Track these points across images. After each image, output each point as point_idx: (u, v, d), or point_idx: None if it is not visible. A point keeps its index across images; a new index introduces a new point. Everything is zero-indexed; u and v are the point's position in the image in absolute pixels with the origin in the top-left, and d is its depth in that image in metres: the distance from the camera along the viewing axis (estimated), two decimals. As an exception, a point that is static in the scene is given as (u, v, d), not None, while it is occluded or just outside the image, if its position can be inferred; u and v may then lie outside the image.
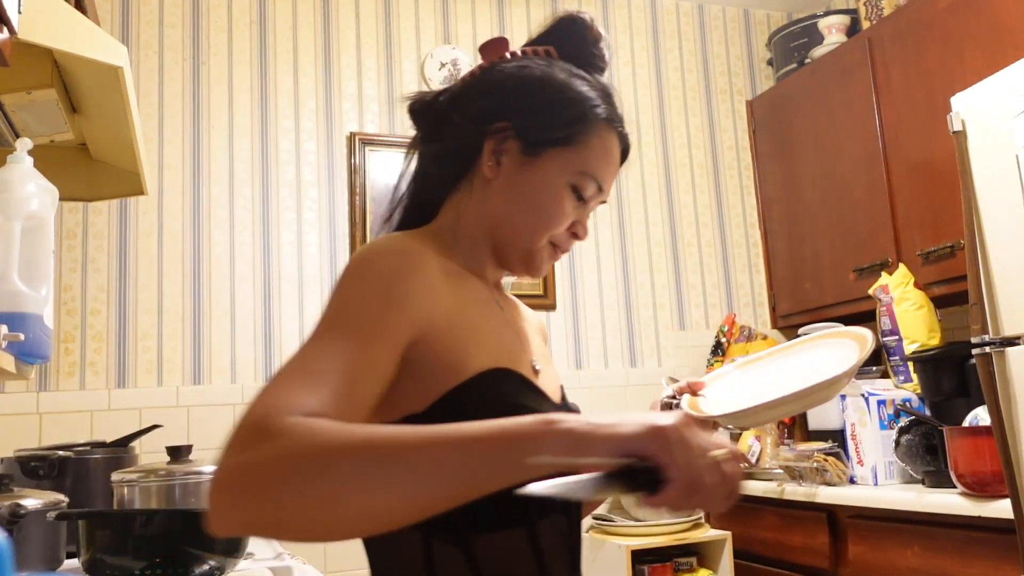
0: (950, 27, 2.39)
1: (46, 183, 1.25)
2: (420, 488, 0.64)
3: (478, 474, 0.65)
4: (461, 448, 0.65)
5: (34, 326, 1.18)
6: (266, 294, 2.62)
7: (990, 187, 1.84)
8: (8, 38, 0.93)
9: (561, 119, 0.93)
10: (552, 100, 0.94)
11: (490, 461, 0.65)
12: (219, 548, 1.17)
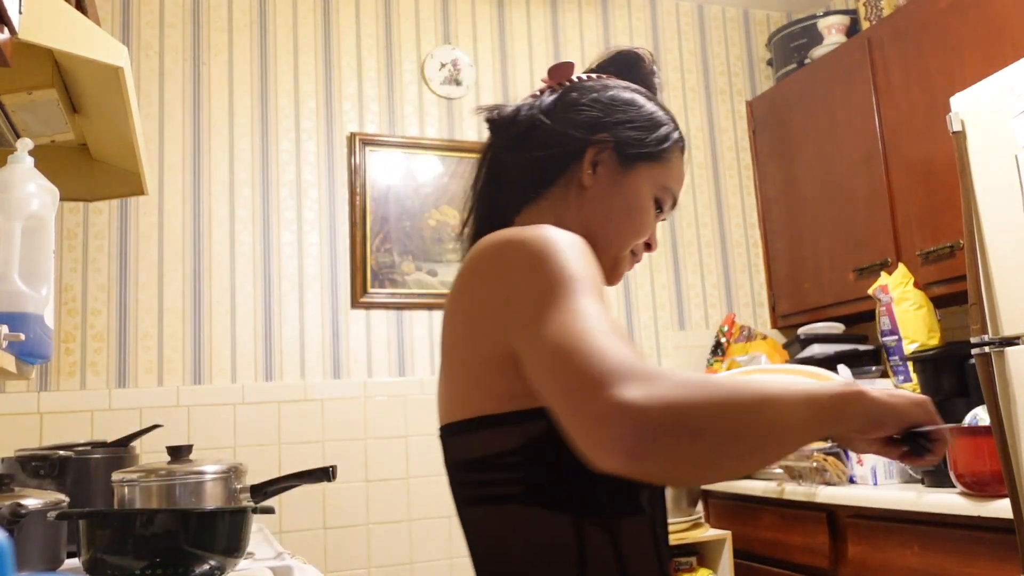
0: (950, 27, 2.39)
1: (47, 183, 1.26)
2: (785, 436, 0.69)
3: (807, 431, 0.70)
4: (807, 406, 0.69)
5: (35, 326, 1.18)
6: (266, 294, 2.62)
7: (990, 187, 1.84)
8: (9, 38, 0.93)
9: (653, 137, 0.99)
10: (644, 118, 1.00)
11: (817, 420, 0.70)
12: (219, 548, 1.17)
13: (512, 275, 0.78)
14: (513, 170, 0.99)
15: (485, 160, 1.02)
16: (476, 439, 0.84)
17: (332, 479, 1.49)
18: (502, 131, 1.01)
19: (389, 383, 2.69)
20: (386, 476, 2.63)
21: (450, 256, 2.82)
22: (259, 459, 2.48)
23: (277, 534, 2.46)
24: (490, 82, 3.00)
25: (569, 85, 1.02)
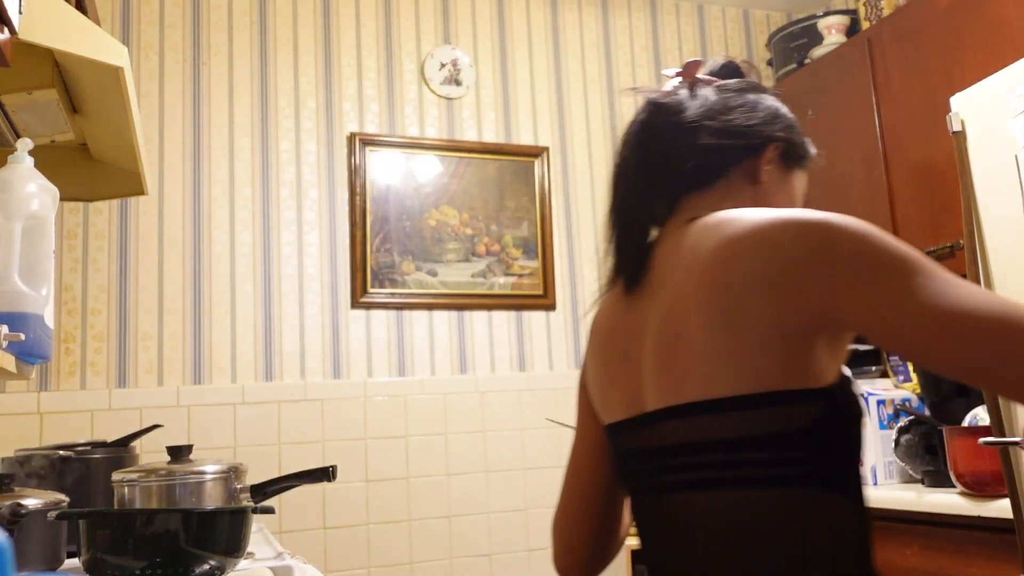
0: (950, 27, 2.39)
1: (47, 183, 1.26)
2: None
3: None
4: None
5: (35, 326, 1.18)
6: (266, 294, 2.62)
7: (990, 187, 1.84)
8: (8, 38, 0.93)
9: (805, 146, 1.08)
10: (799, 127, 1.09)
11: None
12: (219, 548, 1.17)
13: (834, 254, 0.80)
14: (682, 154, 0.98)
15: (640, 140, 1.01)
16: (759, 416, 0.80)
17: (332, 479, 1.49)
18: (669, 115, 1.00)
19: (389, 383, 2.69)
20: (386, 476, 2.63)
21: (450, 256, 2.82)
22: (259, 459, 2.48)
23: (277, 534, 2.46)
24: (490, 82, 3.00)
25: (719, 84, 1.05)
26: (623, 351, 0.93)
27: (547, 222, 2.95)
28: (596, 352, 1.00)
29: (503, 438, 2.79)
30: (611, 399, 0.95)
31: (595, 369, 0.99)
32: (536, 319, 2.90)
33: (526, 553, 2.75)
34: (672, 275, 0.89)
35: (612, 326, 0.97)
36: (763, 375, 0.79)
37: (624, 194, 1.00)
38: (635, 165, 1.00)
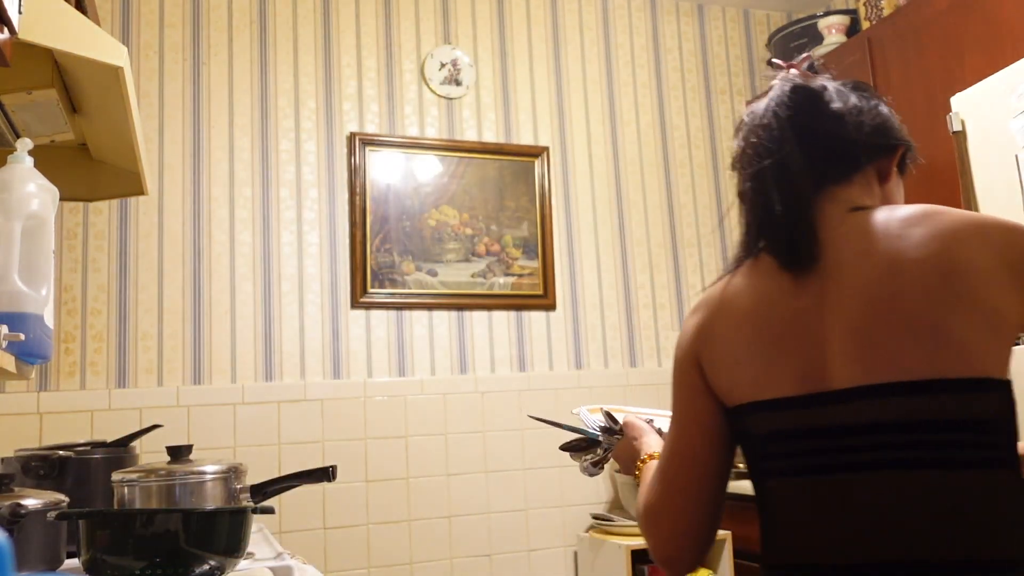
0: (950, 27, 2.39)
1: (46, 183, 1.25)
2: None
3: None
4: None
5: (34, 326, 1.18)
6: (266, 294, 2.62)
7: (990, 187, 1.84)
8: (8, 38, 0.93)
9: (916, 155, 1.13)
10: None
11: None
12: (219, 548, 1.17)
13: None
14: (825, 144, 0.99)
15: (794, 121, 0.98)
16: (973, 400, 0.83)
17: (332, 479, 1.49)
18: (817, 101, 1.01)
19: (389, 383, 2.69)
20: (386, 476, 2.63)
21: (450, 256, 2.82)
22: (259, 459, 2.48)
23: (277, 534, 2.46)
24: (490, 82, 3.00)
25: (852, 82, 1.08)
26: (793, 329, 0.91)
27: (547, 222, 2.95)
28: (740, 329, 0.95)
29: (503, 438, 2.79)
30: (770, 376, 0.92)
31: (736, 347, 0.95)
32: (536, 319, 2.90)
33: (526, 553, 2.75)
34: (859, 259, 0.89)
35: (771, 303, 0.93)
36: (981, 361, 0.82)
37: (781, 171, 0.96)
38: (793, 144, 0.97)
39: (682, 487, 1.00)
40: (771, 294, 0.94)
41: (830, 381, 0.88)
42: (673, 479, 1.00)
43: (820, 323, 0.90)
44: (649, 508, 1.01)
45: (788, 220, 0.94)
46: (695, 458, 0.99)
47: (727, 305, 0.97)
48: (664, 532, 1.00)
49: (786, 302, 0.93)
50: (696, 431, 1.00)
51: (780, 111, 0.99)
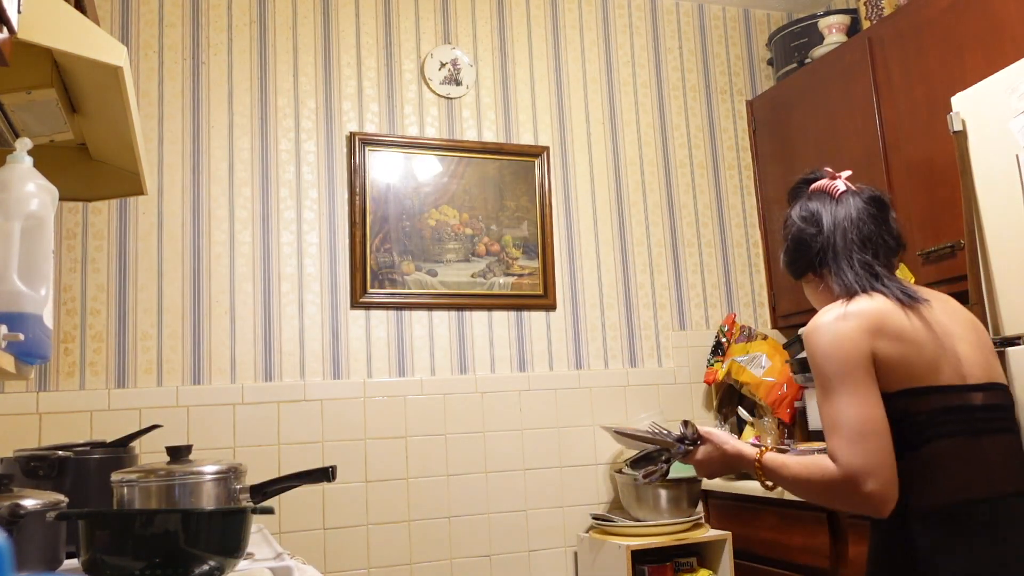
0: (950, 27, 2.39)
1: (46, 183, 1.25)
2: None
3: None
4: None
5: (34, 326, 1.17)
6: (266, 294, 2.62)
7: (990, 187, 1.84)
8: (8, 38, 0.93)
9: None
10: None
11: None
12: (219, 548, 1.17)
13: None
14: (885, 238, 1.49)
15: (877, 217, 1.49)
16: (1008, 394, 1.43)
17: (332, 479, 1.49)
18: (880, 206, 1.51)
19: (389, 383, 2.69)
20: (385, 476, 2.63)
21: (450, 256, 2.82)
22: (259, 459, 2.48)
23: (277, 534, 2.46)
24: (490, 82, 3.00)
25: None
26: (938, 342, 1.35)
27: (547, 222, 2.94)
28: (905, 339, 1.34)
29: (503, 438, 2.78)
30: (940, 369, 1.33)
31: (910, 347, 1.33)
32: (536, 319, 2.90)
33: (526, 553, 2.74)
34: (942, 307, 1.43)
35: (917, 322, 1.36)
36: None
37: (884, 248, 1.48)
38: (877, 239, 1.48)
39: (884, 445, 1.28)
40: (910, 316, 1.37)
41: (968, 377, 1.35)
42: (875, 441, 1.28)
43: (952, 340, 1.37)
44: (866, 466, 1.27)
45: (901, 283, 1.42)
46: (884, 423, 1.29)
47: (883, 320, 1.35)
48: (887, 480, 1.27)
49: (927, 322, 1.37)
50: (878, 404, 1.30)
51: (868, 206, 1.50)
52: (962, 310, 1.44)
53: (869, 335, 1.33)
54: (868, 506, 1.27)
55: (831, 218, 1.48)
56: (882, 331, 1.33)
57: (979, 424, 1.32)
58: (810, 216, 1.52)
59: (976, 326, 1.42)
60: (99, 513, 1.19)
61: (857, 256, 1.43)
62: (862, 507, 1.28)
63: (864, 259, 1.43)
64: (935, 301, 1.41)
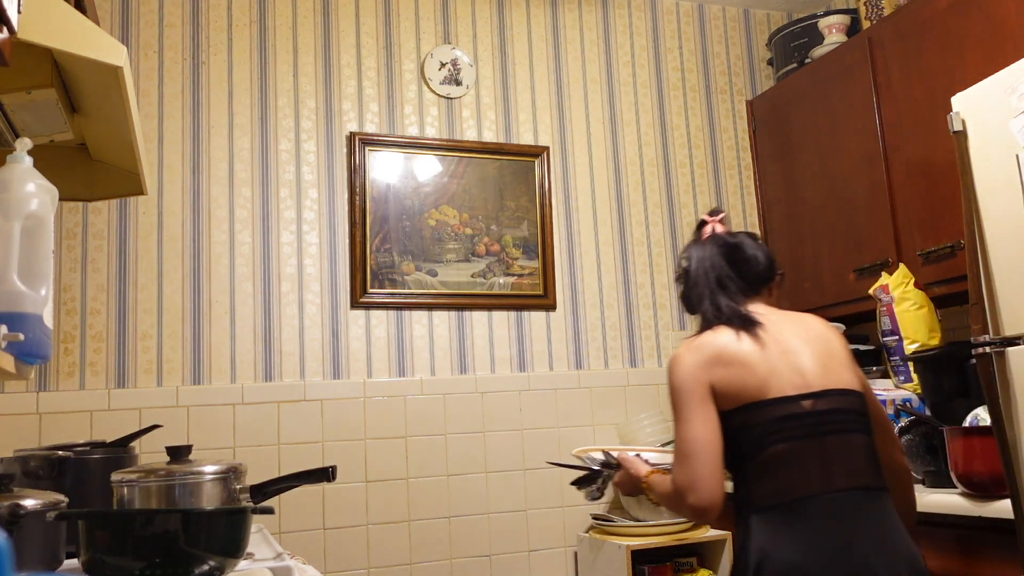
0: (950, 27, 2.39)
1: (46, 183, 1.25)
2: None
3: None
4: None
5: (34, 326, 1.17)
6: (266, 294, 2.62)
7: (990, 187, 1.84)
8: (8, 38, 0.93)
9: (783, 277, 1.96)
10: None
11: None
12: (218, 548, 1.17)
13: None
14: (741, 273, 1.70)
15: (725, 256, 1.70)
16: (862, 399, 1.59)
17: (332, 479, 1.49)
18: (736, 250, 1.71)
19: (388, 383, 2.69)
20: (385, 476, 2.63)
21: (450, 256, 2.82)
22: (259, 459, 2.48)
23: (277, 534, 2.46)
24: (490, 82, 3.00)
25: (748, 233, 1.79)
26: (771, 360, 1.53)
27: (547, 222, 2.95)
28: (738, 364, 1.53)
29: (503, 438, 2.78)
30: (772, 384, 1.51)
31: (741, 371, 1.52)
32: (536, 319, 2.90)
33: (526, 553, 2.74)
34: (791, 327, 1.62)
35: (752, 345, 1.55)
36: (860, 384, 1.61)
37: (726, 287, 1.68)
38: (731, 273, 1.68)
39: (705, 462, 1.47)
40: (742, 343, 1.56)
41: (804, 387, 1.52)
42: (696, 460, 1.47)
43: (796, 356, 1.56)
44: (690, 481, 1.47)
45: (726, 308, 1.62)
46: (709, 444, 1.48)
47: (720, 350, 1.55)
48: (704, 493, 1.45)
49: (758, 345, 1.55)
50: (706, 426, 1.49)
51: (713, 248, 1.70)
52: (815, 327, 1.63)
53: (707, 366, 1.53)
54: (693, 516, 1.47)
55: (697, 262, 1.69)
56: (719, 360, 1.53)
57: (812, 428, 1.48)
58: (685, 258, 1.74)
59: (826, 340, 1.60)
60: (99, 513, 1.19)
61: (708, 296, 1.64)
62: (690, 516, 1.49)
63: (714, 299, 1.63)
64: (785, 322, 1.61)
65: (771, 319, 1.61)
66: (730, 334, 1.57)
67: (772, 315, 1.63)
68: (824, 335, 1.61)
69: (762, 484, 1.48)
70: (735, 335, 1.56)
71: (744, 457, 1.51)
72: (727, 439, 1.52)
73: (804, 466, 1.46)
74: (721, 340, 1.57)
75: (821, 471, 1.46)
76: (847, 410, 1.51)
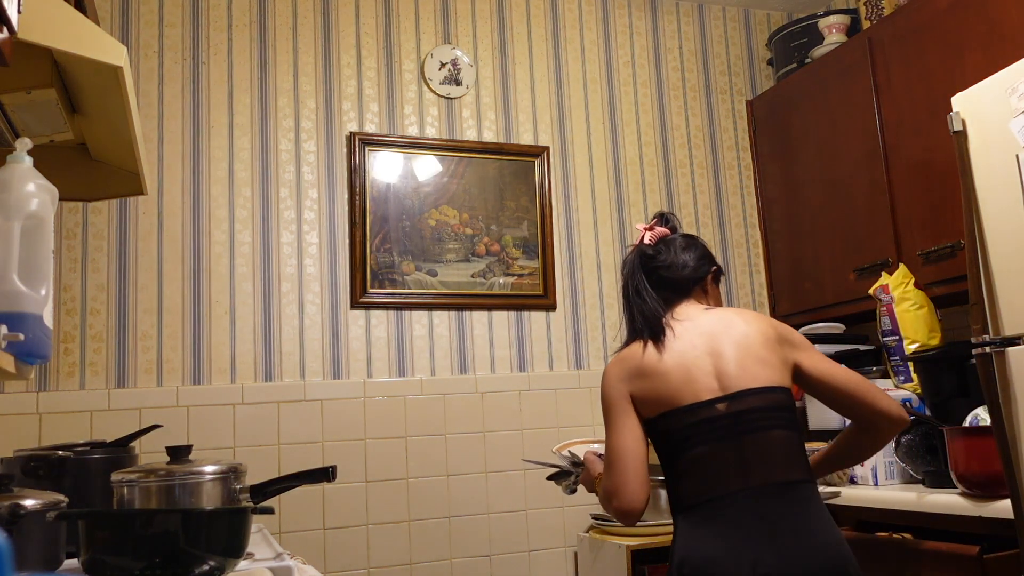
0: (950, 27, 2.39)
1: (46, 183, 1.25)
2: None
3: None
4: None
5: (34, 326, 1.17)
6: (266, 294, 2.62)
7: (990, 187, 1.84)
8: (8, 38, 0.93)
9: (721, 271, 1.88)
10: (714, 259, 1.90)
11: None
12: (219, 548, 1.17)
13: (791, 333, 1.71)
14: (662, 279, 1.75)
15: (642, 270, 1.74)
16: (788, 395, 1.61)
17: (332, 479, 1.49)
18: (644, 257, 1.76)
19: (388, 383, 2.69)
20: (385, 476, 2.63)
21: (450, 256, 2.82)
22: (259, 459, 2.48)
23: (277, 534, 2.46)
24: (490, 82, 3.00)
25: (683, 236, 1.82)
26: (686, 368, 1.57)
27: (547, 222, 2.94)
28: (653, 374, 1.59)
29: (503, 438, 2.78)
30: (686, 391, 1.56)
31: (657, 381, 1.58)
32: (536, 319, 2.90)
33: (526, 553, 2.74)
34: (711, 331, 1.62)
35: (664, 356, 1.60)
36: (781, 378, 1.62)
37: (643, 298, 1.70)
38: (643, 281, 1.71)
39: (627, 468, 1.56)
40: (660, 354, 1.61)
41: (729, 388, 1.56)
42: (619, 466, 1.56)
43: (706, 360, 1.59)
44: (614, 486, 1.56)
45: (653, 324, 1.65)
46: (631, 450, 1.57)
47: (642, 363, 1.61)
48: (624, 497, 1.54)
49: (673, 357, 1.60)
50: (629, 434, 1.58)
51: (640, 264, 1.73)
52: (737, 326, 1.62)
53: (627, 379, 1.61)
54: (618, 517, 1.56)
55: (626, 273, 1.75)
56: (637, 372, 1.61)
57: (727, 430, 1.53)
58: (623, 270, 1.79)
59: (745, 339, 1.60)
60: (99, 513, 1.19)
61: (627, 308, 1.72)
62: (616, 517, 1.57)
63: (632, 309, 1.70)
64: (708, 324, 1.63)
65: (693, 323, 1.64)
66: (648, 345, 1.63)
67: (698, 317, 1.65)
68: (744, 332, 1.61)
69: (685, 485, 1.55)
70: (651, 346, 1.62)
71: (669, 461, 1.59)
72: (655, 445, 1.61)
73: (721, 466, 1.52)
74: (638, 352, 1.63)
75: (738, 470, 1.51)
76: (765, 408, 1.55)
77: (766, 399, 1.56)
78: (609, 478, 1.57)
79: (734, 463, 1.52)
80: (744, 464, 1.51)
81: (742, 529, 1.47)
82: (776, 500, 1.49)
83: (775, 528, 1.46)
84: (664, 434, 1.57)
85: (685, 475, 1.55)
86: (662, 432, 1.58)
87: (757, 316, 1.68)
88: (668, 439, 1.57)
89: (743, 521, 1.48)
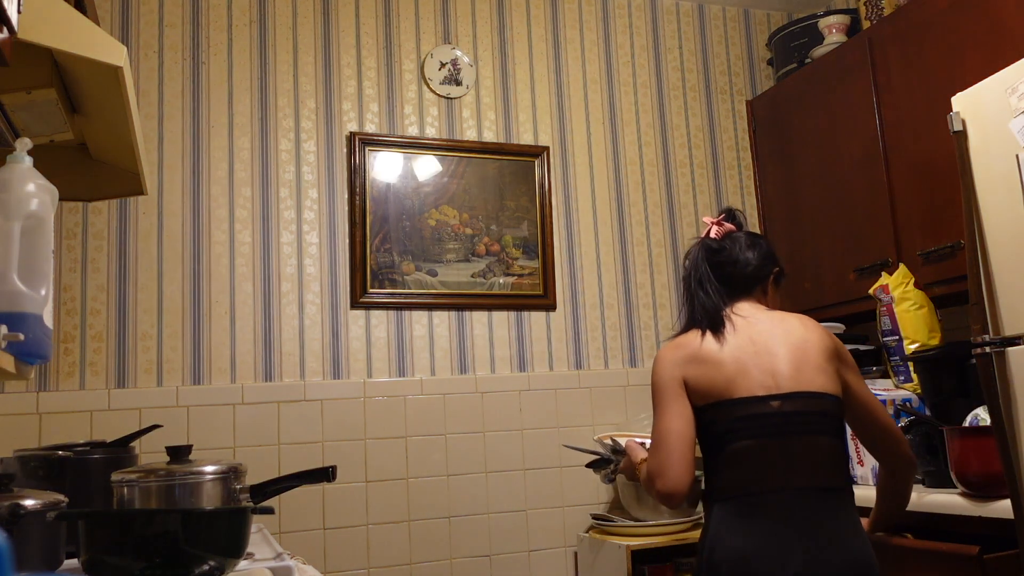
0: (950, 27, 2.39)
1: (46, 183, 1.25)
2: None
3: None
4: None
5: (34, 326, 1.17)
6: (266, 294, 2.62)
7: (990, 187, 1.84)
8: (8, 38, 0.93)
9: (783, 273, 1.93)
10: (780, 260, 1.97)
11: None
12: (219, 548, 1.17)
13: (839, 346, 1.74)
14: (727, 272, 1.80)
15: (707, 264, 1.77)
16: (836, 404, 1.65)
17: (332, 479, 1.49)
18: (711, 251, 1.80)
19: (388, 383, 2.69)
20: (385, 476, 2.63)
21: (450, 256, 2.82)
22: (259, 459, 2.48)
23: (277, 534, 2.46)
24: (490, 82, 3.00)
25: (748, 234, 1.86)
26: (741, 362, 1.60)
27: (547, 222, 2.95)
28: (709, 363, 1.62)
29: (503, 438, 2.78)
30: (740, 384, 1.58)
31: (712, 370, 1.61)
32: (536, 319, 2.90)
33: (526, 553, 2.74)
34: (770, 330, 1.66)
35: (722, 347, 1.63)
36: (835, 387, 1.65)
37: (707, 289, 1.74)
38: (707, 273, 1.74)
39: (672, 451, 1.57)
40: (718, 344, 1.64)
41: (774, 388, 1.58)
42: (665, 449, 1.57)
43: (761, 359, 1.61)
44: (659, 467, 1.57)
45: (713, 315, 1.68)
46: (679, 434, 1.58)
47: (699, 350, 1.64)
48: (669, 480, 1.55)
49: (730, 349, 1.63)
50: (678, 418, 1.60)
51: (705, 257, 1.76)
52: (796, 330, 1.66)
53: (682, 364, 1.64)
54: (660, 499, 1.58)
55: (688, 265, 1.78)
56: (693, 359, 1.63)
57: (777, 427, 1.56)
58: (686, 260, 1.83)
59: (803, 343, 1.64)
60: (99, 513, 1.19)
61: (688, 299, 1.75)
62: (658, 500, 1.59)
63: (694, 300, 1.73)
64: (767, 323, 1.67)
65: (752, 320, 1.67)
66: (706, 335, 1.66)
67: (757, 315, 1.69)
68: (804, 338, 1.65)
69: (725, 476, 1.58)
70: (710, 336, 1.65)
71: (712, 450, 1.61)
72: (700, 432, 1.62)
73: (766, 462, 1.54)
74: (696, 340, 1.66)
75: (782, 468, 1.54)
76: (815, 412, 1.58)
77: (819, 404, 1.58)
78: (655, 458, 1.59)
79: (780, 461, 1.54)
80: (790, 464, 1.54)
81: (778, 526, 1.50)
82: (816, 504, 1.52)
83: (810, 531, 1.49)
84: (712, 423, 1.60)
85: (726, 466, 1.57)
86: (709, 422, 1.60)
87: (816, 325, 1.71)
88: (714, 429, 1.59)
89: (781, 518, 1.50)
